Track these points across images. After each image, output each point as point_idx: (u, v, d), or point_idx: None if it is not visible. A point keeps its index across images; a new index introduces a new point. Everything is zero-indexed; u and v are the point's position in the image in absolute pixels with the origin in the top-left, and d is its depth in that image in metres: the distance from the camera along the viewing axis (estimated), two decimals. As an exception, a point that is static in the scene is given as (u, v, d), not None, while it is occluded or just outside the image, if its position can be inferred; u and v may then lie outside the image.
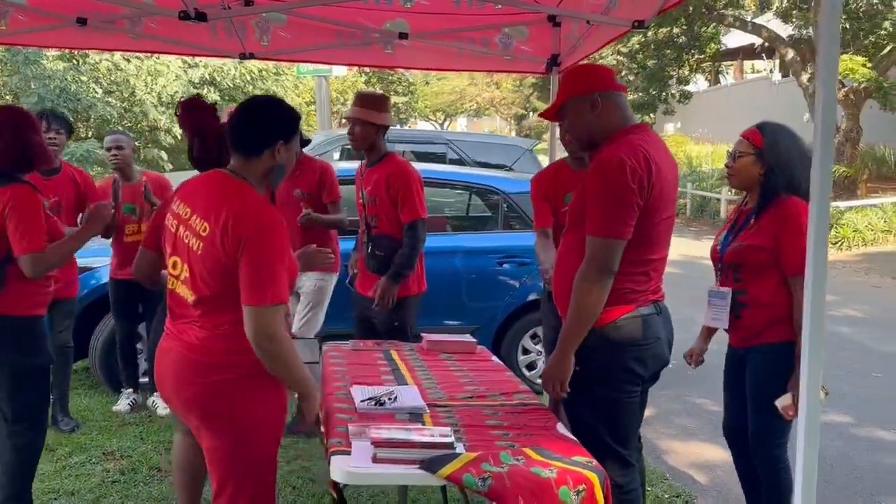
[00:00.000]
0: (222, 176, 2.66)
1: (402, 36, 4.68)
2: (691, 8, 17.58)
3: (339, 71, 12.85)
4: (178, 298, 2.68)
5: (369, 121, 4.35)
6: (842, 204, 15.79)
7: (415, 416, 2.91)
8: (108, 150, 5.15)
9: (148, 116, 17.40)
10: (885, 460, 5.01)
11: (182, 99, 3.33)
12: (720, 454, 4.98)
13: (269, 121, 2.67)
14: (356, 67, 24.07)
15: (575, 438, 2.79)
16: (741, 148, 3.36)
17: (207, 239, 2.53)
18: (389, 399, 3.01)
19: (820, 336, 2.17)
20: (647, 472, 3.67)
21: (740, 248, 3.34)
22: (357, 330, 4.68)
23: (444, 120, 45.68)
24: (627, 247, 2.77)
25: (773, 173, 3.27)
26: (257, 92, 18.68)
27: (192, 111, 3.16)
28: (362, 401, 3.01)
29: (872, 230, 14.85)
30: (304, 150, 4.62)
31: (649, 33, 19.08)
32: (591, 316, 2.80)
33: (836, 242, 14.63)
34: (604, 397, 2.90)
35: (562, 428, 2.88)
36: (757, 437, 3.40)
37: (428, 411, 2.97)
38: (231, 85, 17.99)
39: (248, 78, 17.88)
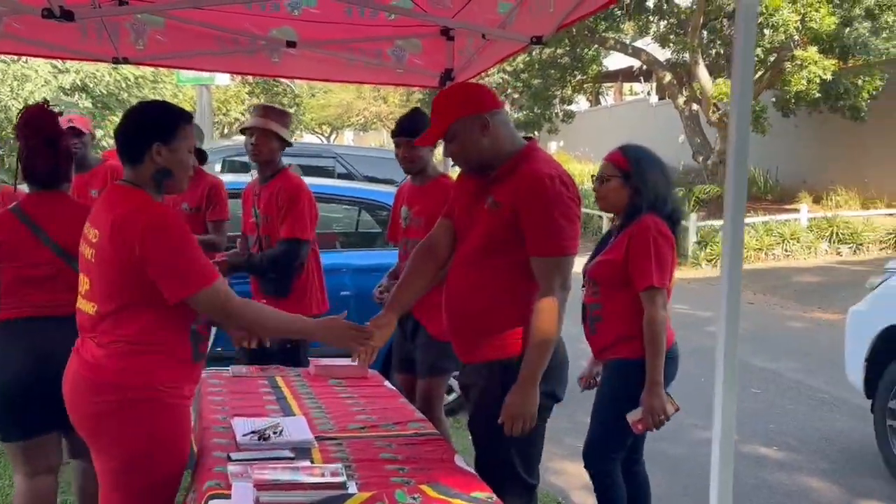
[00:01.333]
0: (116, 186, 2.60)
1: (290, 44, 4.45)
2: (574, 30, 17.99)
3: (222, 80, 12.41)
4: (81, 314, 2.58)
5: (277, 133, 4.15)
6: (716, 223, 16.41)
7: (302, 452, 2.70)
8: None
9: (14, 123, 16.28)
10: (770, 477, 5.10)
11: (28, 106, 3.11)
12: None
13: (143, 124, 2.55)
14: (239, 77, 23.47)
15: (472, 471, 2.65)
16: (607, 172, 3.36)
17: (98, 244, 2.46)
18: (275, 433, 2.78)
19: (733, 364, 2.09)
20: (539, 495, 3.60)
21: (598, 263, 3.38)
22: (243, 354, 4.39)
23: (331, 133, 45.20)
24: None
25: (639, 194, 3.30)
26: (133, 100, 17.85)
27: (43, 118, 2.94)
28: (244, 435, 2.78)
29: (745, 248, 15.45)
30: None
31: (534, 53, 19.42)
32: (555, 340, 2.69)
33: (711, 260, 15.16)
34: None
35: (459, 460, 2.73)
36: (591, 447, 3.44)
37: (316, 445, 2.77)
38: (105, 92, 17.06)
39: (124, 85, 17.02)
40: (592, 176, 3.46)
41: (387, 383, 3.74)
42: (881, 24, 16.58)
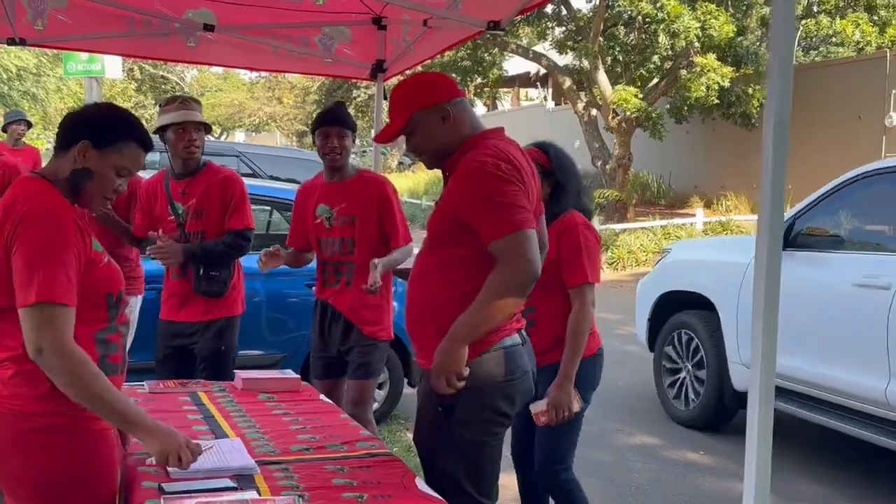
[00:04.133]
0: (26, 176, 2.28)
1: (208, 28, 4.09)
2: (476, 33, 17.97)
3: (114, 72, 11.59)
4: None
5: (206, 124, 3.91)
6: (617, 226, 16.65)
7: (244, 480, 2.38)
8: None
9: None
10: (701, 483, 5.04)
11: None
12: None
13: (84, 117, 2.29)
14: (126, 73, 22.43)
15: (437, 495, 2.40)
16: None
17: None
18: (210, 458, 2.46)
19: (769, 417, 1.87)
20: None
21: None
22: (160, 368, 4.03)
23: (221, 134, 43.98)
24: (483, 266, 2.45)
25: (563, 191, 3.22)
26: (14, 94, 16.79)
27: None
28: (175, 462, 2.44)
29: (644, 251, 15.72)
30: None
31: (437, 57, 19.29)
32: (496, 320, 2.46)
33: (612, 263, 15.35)
34: (468, 442, 2.55)
35: (420, 483, 2.47)
36: (547, 462, 3.32)
37: (259, 471, 2.45)
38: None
39: (4, 77, 15.96)
40: None
41: (322, 397, 3.43)
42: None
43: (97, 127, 2.23)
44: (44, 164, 9.08)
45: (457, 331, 2.45)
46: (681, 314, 6.25)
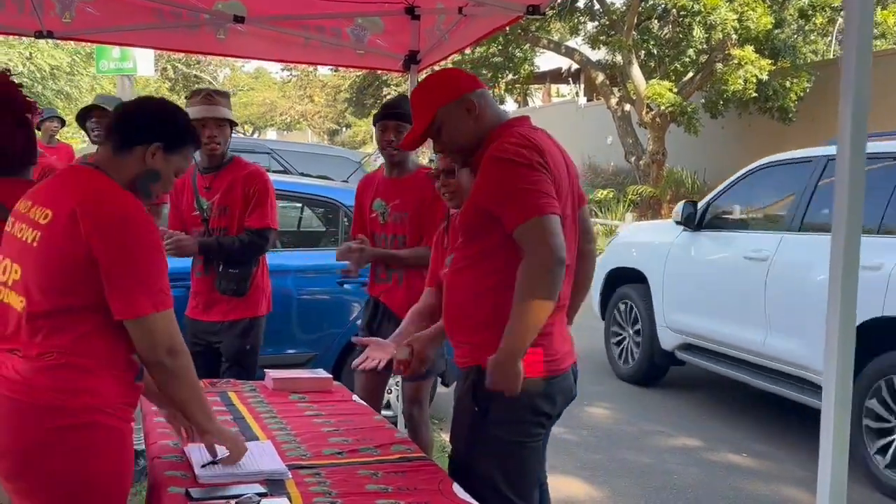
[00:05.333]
0: (76, 167, 2.28)
1: (238, 19, 4.00)
2: (508, 29, 17.80)
3: (146, 69, 11.59)
4: (3, 312, 2.13)
5: (228, 119, 3.79)
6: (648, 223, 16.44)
7: (275, 485, 2.28)
8: None
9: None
10: (743, 486, 4.87)
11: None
12: (581, 488, 4.67)
13: (154, 118, 2.24)
14: (160, 72, 22.56)
15: (474, 501, 2.29)
16: (445, 163, 2.88)
17: (48, 228, 2.06)
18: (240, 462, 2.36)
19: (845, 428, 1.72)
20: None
21: None
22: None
23: (253, 132, 44.24)
24: (513, 255, 2.35)
25: None
26: (48, 93, 16.93)
27: (10, 92, 2.62)
28: (203, 465, 2.35)
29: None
30: None
31: (466, 51, 19.14)
32: (543, 313, 2.31)
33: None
34: (506, 443, 2.45)
35: (458, 489, 2.36)
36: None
37: (290, 476, 2.35)
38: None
39: (38, 76, 16.10)
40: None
41: (355, 398, 3.33)
42: (810, 27, 16.82)
43: (171, 131, 2.23)
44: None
45: (507, 346, 2.33)
46: (623, 287, 7.28)
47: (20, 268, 2.11)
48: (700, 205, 6.55)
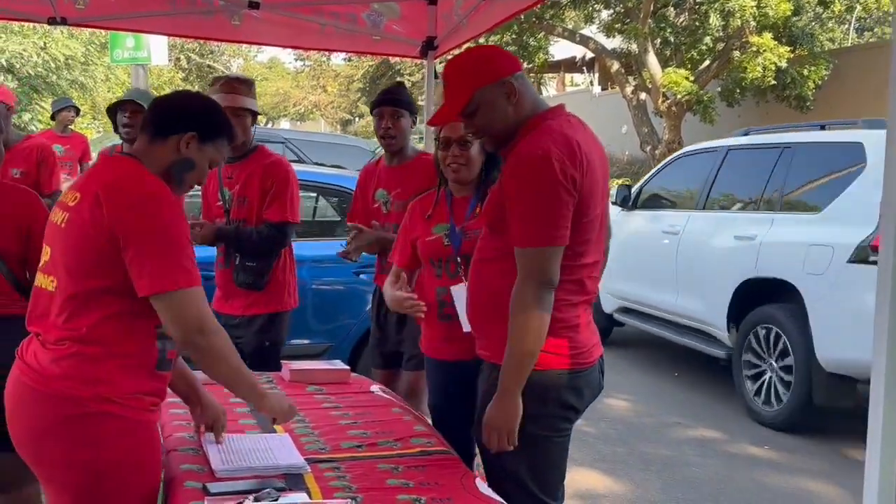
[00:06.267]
0: (115, 156, 2.33)
1: (253, 5, 3.94)
2: (522, 17, 17.65)
3: (160, 59, 11.55)
4: (36, 295, 2.19)
5: (249, 108, 3.70)
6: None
7: (294, 479, 2.23)
8: None
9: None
10: (764, 479, 4.81)
11: None
12: (600, 480, 4.61)
13: (190, 109, 2.27)
14: (173, 62, 22.54)
15: (499, 498, 2.24)
16: (460, 133, 2.80)
17: (74, 210, 2.09)
18: (258, 456, 2.32)
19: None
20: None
21: (476, 236, 2.72)
22: None
23: (266, 122, 44.25)
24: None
25: (493, 158, 2.90)
26: (62, 83, 16.93)
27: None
28: (220, 459, 2.30)
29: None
30: None
31: (480, 40, 19.03)
32: (536, 342, 2.26)
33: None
34: (532, 437, 2.37)
35: (481, 484, 2.31)
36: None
37: (309, 470, 2.31)
38: (32, 73, 16.10)
39: (53, 66, 16.06)
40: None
41: (374, 388, 3.28)
42: (828, 14, 16.61)
43: (205, 122, 2.25)
44: (93, 153, 8.99)
45: (503, 383, 2.29)
46: None
47: (51, 249, 2.15)
48: (634, 189, 7.71)
